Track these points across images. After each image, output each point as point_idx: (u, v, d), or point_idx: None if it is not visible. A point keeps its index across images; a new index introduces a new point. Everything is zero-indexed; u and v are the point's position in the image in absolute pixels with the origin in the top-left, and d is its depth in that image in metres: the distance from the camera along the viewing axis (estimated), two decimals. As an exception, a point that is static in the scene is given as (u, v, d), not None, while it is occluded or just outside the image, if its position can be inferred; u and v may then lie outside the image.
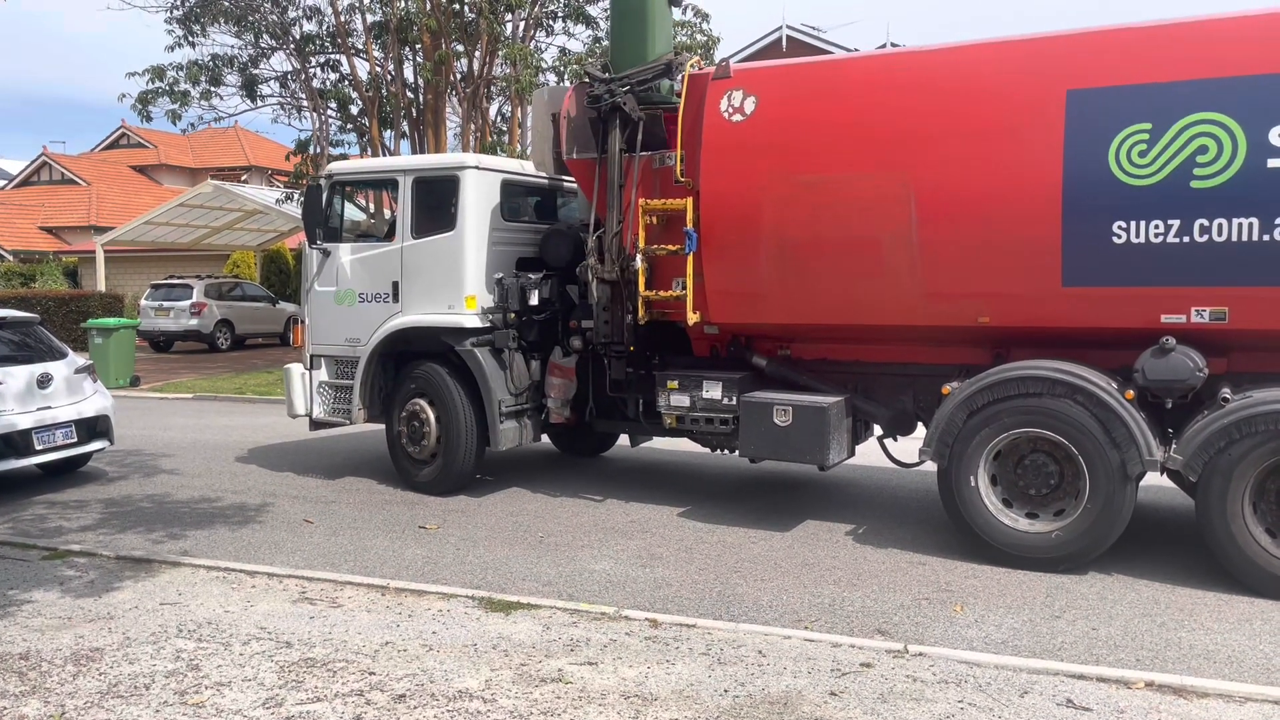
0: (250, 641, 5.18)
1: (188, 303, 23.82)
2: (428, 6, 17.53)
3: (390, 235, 9.03)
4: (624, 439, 10.09)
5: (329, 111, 19.69)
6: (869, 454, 8.47)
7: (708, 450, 8.59)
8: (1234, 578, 6.06)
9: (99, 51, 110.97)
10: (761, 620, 5.62)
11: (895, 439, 7.90)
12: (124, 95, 18.28)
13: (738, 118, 7.33)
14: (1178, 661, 5.02)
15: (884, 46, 19.69)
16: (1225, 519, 6.00)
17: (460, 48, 18.66)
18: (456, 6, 17.55)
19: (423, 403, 8.79)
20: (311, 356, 9.37)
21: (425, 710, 4.35)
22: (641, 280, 7.81)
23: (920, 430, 7.47)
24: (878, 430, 7.97)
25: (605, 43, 18.75)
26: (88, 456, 9.78)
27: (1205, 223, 6.01)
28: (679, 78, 7.72)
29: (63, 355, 9.49)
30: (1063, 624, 5.55)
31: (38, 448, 8.79)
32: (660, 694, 4.52)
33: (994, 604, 5.89)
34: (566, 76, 18.11)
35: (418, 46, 18.56)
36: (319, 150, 19.34)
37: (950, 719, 4.26)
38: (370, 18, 19.05)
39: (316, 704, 4.42)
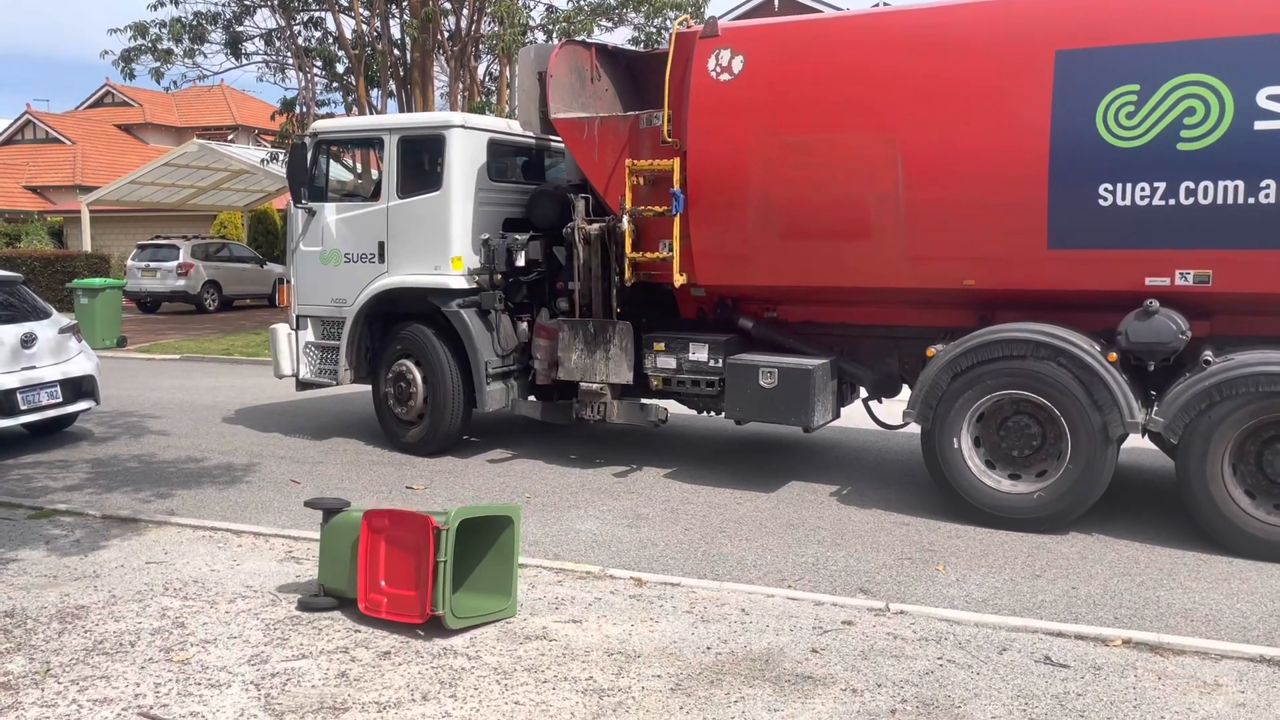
0: (236, 600, 5.21)
1: (174, 263, 23.66)
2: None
3: (376, 195, 8.96)
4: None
5: (315, 70, 19.44)
6: (854, 416, 8.51)
7: (694, 412, 8.62)
8: (1212, 539, 6.13)
9: (81, 5, 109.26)
10: (745, 579, 5.67)
11: (880, 401, 7.95)
12: (107, 52, 18.15)
13: (725, 77, 7.27)
14: (1155, 620, 5.09)
15: (875, 6, 19.49)
16: (1205, 481, 6.05)
17: (448, 5, 18.41)
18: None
19: (409, 364, 8.77)
20: (298, 317, 9.34)
21: (410, 667, 4.39)
22: (628, 241, 7.79)
23: (905, 392, 7.51)
24: (863, 392, 8.00)
25: (590, 0, 18.53)
26: (73, 417, 9.76)
27: (1191, 185, 6.01)
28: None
29: (47, 315, 9.43)
30: (1043, 583, 5.62)
31: (23, 408, 8.75)
32: (644, 651, 4.56)
33: (975, 564, 5.95)
34: (554, 34, 17.89)
35: (404, 4, 18.30)
36: (305, 109, 19.11)
37: (929, 675, 4.32)
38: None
39: (301, 660, 4.45)
